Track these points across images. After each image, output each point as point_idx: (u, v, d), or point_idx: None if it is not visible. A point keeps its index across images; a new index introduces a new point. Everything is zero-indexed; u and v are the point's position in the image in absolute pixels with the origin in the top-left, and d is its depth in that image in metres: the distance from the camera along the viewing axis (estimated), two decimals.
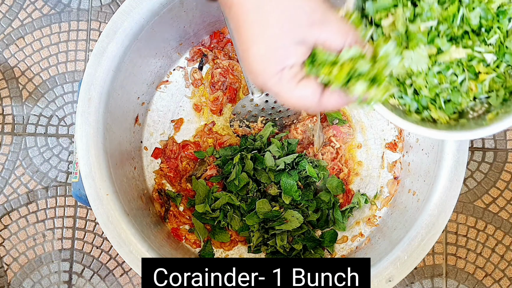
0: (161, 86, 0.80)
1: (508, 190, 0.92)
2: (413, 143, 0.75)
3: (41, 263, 0.93)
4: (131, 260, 0.64)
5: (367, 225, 0.76)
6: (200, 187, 0.75)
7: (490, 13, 0.50)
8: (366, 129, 0.79)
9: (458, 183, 0.64)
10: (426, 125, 0.51)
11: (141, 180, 0.77)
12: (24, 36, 0.97)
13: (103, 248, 0.93)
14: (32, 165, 0.95)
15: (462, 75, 0.51)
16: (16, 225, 0.94)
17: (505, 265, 0.90)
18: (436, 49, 0.50)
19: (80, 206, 0.94)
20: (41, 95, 0.96)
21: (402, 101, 0.53)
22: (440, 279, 0.90)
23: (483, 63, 0.50)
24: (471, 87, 0.51)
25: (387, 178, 0.78)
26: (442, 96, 0.52)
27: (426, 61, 0.50)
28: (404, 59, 0.49)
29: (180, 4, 0.69)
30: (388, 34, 0.52)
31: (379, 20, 0.52)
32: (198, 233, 0.75)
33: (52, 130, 0.96)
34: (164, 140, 0.79)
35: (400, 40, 0.51)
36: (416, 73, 0.52)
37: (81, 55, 0.97)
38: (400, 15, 0.51)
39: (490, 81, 0.51)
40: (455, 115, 0.53)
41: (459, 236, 0.91)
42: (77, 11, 0.97)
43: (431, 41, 0.51)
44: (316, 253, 0.74)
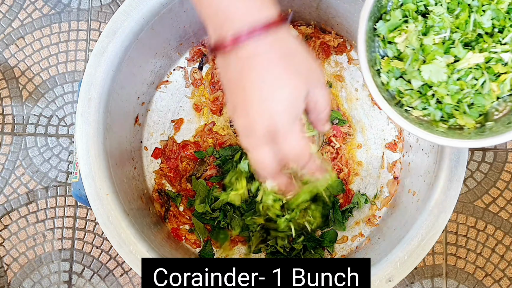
0: (161, 86, 0.80)
1: (508, 190, 0.92)
2: (413, 143, 0.75)
3: (41, 263, 0.93)
4: (131, 260, 0.64)
5: (367, 225, 0.76)
6: (200, 187, 0.75)
7: (500, 13, 0.50)
8: (366, 129, 0.79)
9: (458, 183, 0.64)
10: (454, 135, 0.51)
11: (141, 180, 0.77)
12: (24, 36, 0.97)
13: (103, 248, 0.93)
14: (32, 165, 0.95)
15: (482, 78, 0.51)
16: (16, 225, 0.94)
17: (505, 265, 0.90)
18: (453, 58, 0.51)
19: (80, 206, 0.94)
20: (41, 95, 0.96)
21: (426, 112, 0.53)
22: (440, 279, 0.90)
23: (501, 62, 0.51)
24: (492, 89, 0.51)
25: (387, 178, 0.78)
26: (465, 102, 0.52)
27: (445, 71, 0.50)
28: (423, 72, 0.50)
29: (180, 4, 0.69)
30: (404, 50, 0.52)
31: (392, 38, 0.53)
32: (198, 233, 0.75)
33: (52, 130, 0.96)
34: (164, 140, 0.80)
35: (416, 55, 0.51)
36: (436, 84, 0.52)
37: (81, 55, 0.97)
38: (412, 30, 0.52)
39: (511, 79, 0.51)
40: (480, 117, 0.53)
41: (459, 236, 0.91)
42: (77, 11, 0.97)
43: (447, 51, 0.51)
44: (316, 253, 0.74)
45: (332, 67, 0.79)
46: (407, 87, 0.53)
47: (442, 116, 0.53)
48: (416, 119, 0.53)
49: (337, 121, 0.78)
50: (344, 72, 0.79)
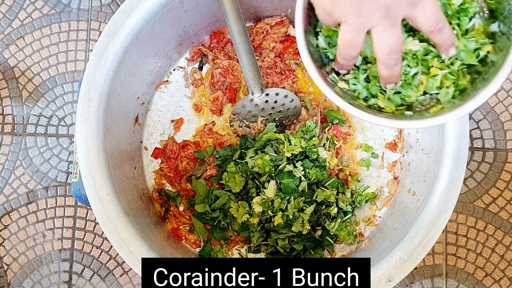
0: (161, 86, 0.80)
1: (508, 190, 0.92)
2: (413, 143, 0.75)
3: (41, 263, 0.93)
4: (131, 260, 0.64)
5: (367, 225, 0.76)
6: (200, 187, 0.75)
7: (450, 9, 0.49)
8: (366, 129, 0.79)
9: (458, 183, 0.64)
10: (370, 111, 0.50)
11: (141, 180, 0.77)
12: (24, 36, 0.97)
13: (103, 248, 0.93)
14: (32, 165, 0.95)
15: (415, 68, 0.50)
16: (16, 225, 0.94)
17: (505, 265, 0.90)
18: None
19: (80, 206, 0.94)
20: (41, 95, 0.96)
21: (353, 87, 0.53)
22: (440, 279, 0.90)
23: (438, 59, 0.50)
24: (422, 81, 0.51)
25: (387, 178, 0.78)
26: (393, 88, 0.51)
27: None
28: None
29: (180, 4, 0.69)
30: None
31: None
32: (198, 233, 0.75)
33: (52, 130, 0.96)
34: (164, 140, 0.79)
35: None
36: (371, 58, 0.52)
37: (81, 55, 0.97)
38: None
39: (442, 77, 0.50)
40: (402, 107, 0.52)
41: (459, 236, 0.91)
42: (77, 11, 0.97)
43: None
44: (316, 253, 0.74)
45: None
46: None
47: (366, 96, 0.53)
48: (340, 90, 0.52)
49: (337, 121, 0.78)
50: None
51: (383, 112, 0.51)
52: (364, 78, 0.52)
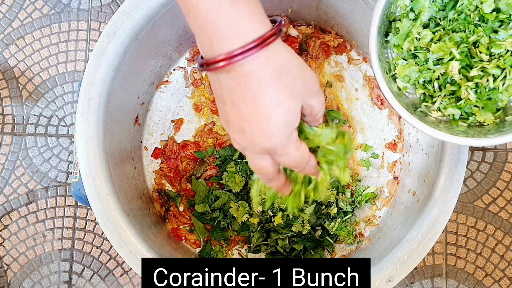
0: (161, 86, 0.80)
1: (508, 190, 0.92)
2: (413, 143, 0.75)
3: (41, 263, 0.93)
4: (131, 260, 0.64)
5: (367, 225, 0.76)
6: (200, 187, 0.75)
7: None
8: (366, 129, 0.79)
9: (458, 183, 0.64)
10: (475, 133, 0.50)
11: (141, 180, 0.77)
12: (24, 36, 0.97)
13: (103, 248, 0.93)
14: (32, 165, 0.95)
15: (502, 73, 0.50)
16: (16, 225, 0.94)
17: (505, 265, 0.90)
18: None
19: (80, 206, 0.94)
20: (41, 95, 0.96)
21: (446, 112, 0.53)
22: (440, 279, 0.90)
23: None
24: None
25: (387, 178, 0.78)
26: (484, 95, 0.51)
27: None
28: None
29: None
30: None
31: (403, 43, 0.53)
32: (198, 233, 0.75)
33: (52, 130, 0.96)
34: (164, 140, 0.80)
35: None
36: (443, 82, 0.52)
37: (81, 55, 0.97)
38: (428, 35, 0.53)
39: None
40: (499, 112, 0.52)
41: (459, 236, 0.91)
42: (77, 11, 0.97)
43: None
44: (316, 253, 0.74)
45: (332, 67, 0.79)
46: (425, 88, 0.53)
47: (461, 115, 0.53)
48: (435, 120, 0.52)
49: (337, 121, 0.78)
50: (344, 72, 0.79)
51: (485, 127, 0.52)
52: (454, 102, 0.53)
